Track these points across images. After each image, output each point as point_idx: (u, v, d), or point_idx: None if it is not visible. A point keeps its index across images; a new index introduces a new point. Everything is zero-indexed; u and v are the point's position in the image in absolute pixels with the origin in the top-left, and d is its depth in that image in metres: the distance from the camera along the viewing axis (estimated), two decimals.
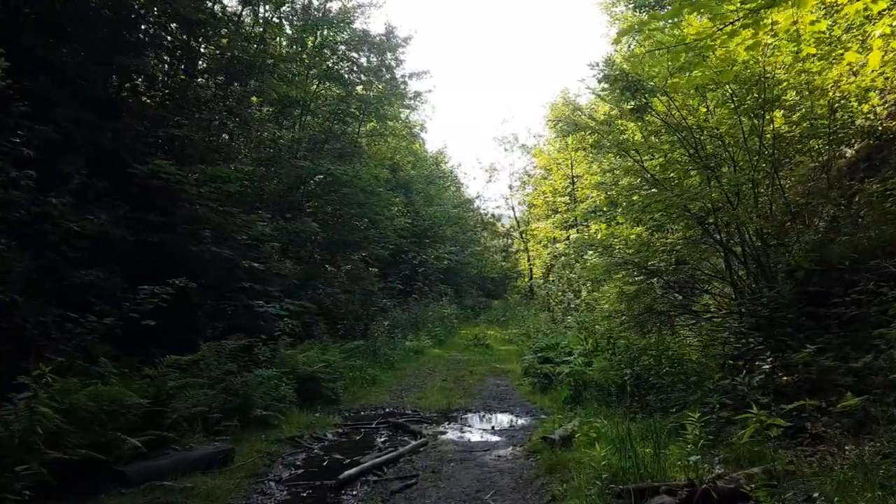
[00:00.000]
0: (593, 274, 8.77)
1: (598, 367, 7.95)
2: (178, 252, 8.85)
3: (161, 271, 8.10)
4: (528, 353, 12.36)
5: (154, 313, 7.13)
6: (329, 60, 15.98)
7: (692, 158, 7.99)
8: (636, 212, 8.35)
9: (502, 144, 34.97)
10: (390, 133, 20.52)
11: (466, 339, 17.80)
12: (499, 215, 37.52)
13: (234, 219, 9.30)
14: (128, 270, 8.25)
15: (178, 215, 9.22)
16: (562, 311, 21.20)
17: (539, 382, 10.09)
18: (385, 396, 9.94)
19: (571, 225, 27.83)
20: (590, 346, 9.28)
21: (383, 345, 13.60)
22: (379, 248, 17.48)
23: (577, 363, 8.63)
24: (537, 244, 31.48)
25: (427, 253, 25.05)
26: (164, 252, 8.81)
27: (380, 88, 19.57)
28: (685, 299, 9.16)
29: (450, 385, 10.91)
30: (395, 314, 18.61)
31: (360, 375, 10.67)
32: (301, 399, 8.64)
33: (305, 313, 11.23)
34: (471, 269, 31.60)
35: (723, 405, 5.66)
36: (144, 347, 8.14)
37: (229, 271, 10.24)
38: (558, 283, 22.80)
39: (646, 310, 8.62)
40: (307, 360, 9.34)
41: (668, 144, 7.99)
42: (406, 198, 20.93)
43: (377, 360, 12.52)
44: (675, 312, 8.99)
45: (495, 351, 16.21)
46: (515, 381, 11.20)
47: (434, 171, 28.12)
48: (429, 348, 16.12)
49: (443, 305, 23.21)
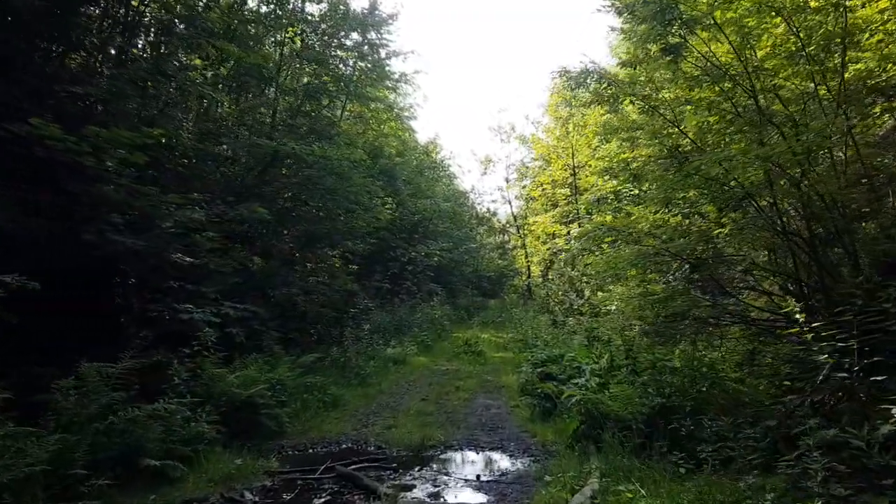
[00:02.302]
0: (612, 269, 6.71)
1: (619, 395, 5.90)
2: (71, 242, 6.81)
3: (55, 267, 6.15)
4: (526, 364, 10.32)
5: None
6: (298, 31, 13.90)
7: (742, 115, 5.96)
8: (667, 187, 6.30)
9: (498, 135, 32.94)
10: (372, 116, 18.41)
11: (457, 345, 15.76)
12: (494, 210, 35.51)
13: (150, 200, 7.22)
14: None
15: (78, 195, 7.17)
16: (562, 312, 19.23)
17: (539, 406, 8.05)
18: (346, 425, 7.88)
19: (572, 220, 25.89)
20: (604, 364, 7.24)
21: (356, 355, 11.55)
22: (357, 243, 15.42)
23: (591, 387, 6.58)
24: (535, 240, 29.48)
25: (417, 249, 23.02)
26: (55, 242, 6.80)
27: (361, 67, 17.58)
28: (736, 302, 7.11)
29: (430, 407, 8.86)
30: (378, 317, 16.63)
31: (317, 397, 8.61)
32: (230, 434, 6.61)
33: (253, 319, 9.18)
34: (465, 268, 29.60)
35: (832, 473, 3.63)
36: (22, 367, 6.18)
37: (158, 268, 8.23)
38: (559, 282, 20.78)
39: (677, 315, 6.59)
40: (242, 381, 7.28)
41: (713, 95, 5.96)
42: (390, 186, 18.83)
43: (345, 374, 10.48)
44: (725, 321, 6.95)
45: (488, 359, 14.16)
46: (511, 402, 9.16)
47: (424, 161, 26.03)
48: (412, 356, 14.08)
49: (433, 306, 21.20)
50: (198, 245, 8.17)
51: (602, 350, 8.26)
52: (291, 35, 13.38)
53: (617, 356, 7.84)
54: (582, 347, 10.05)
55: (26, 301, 5.33)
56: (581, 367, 8.12)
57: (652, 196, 6.51)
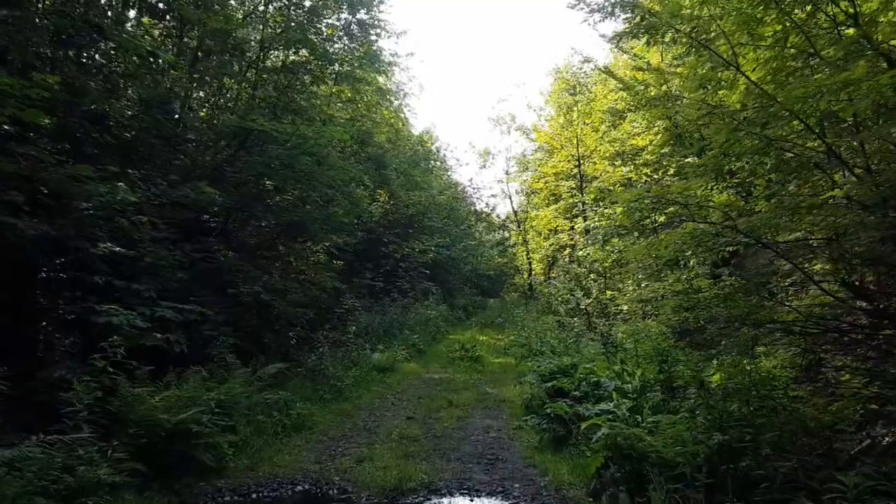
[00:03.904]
0: (658, 256, 5.08)
1: (663, 429, 4.33)
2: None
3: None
4: (531, 375, 8.77)
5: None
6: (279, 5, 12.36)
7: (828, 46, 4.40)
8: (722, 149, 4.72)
9: (498, 126, 31.41)
10: (360, 99, 16.80)
11: (452, 349, 14.18)
12: (493, 205, 33.97)
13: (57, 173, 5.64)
14: None
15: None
16: (567, 312, 17.66)
17: (549, 430, 6.48)
18: (308, 455, 6.30)
19: (576, 215, 24.37)
20: (636, 383, 5.65)
21: (333, 363, 9.98)
22: (343, 236, 13.86)
23: (620, 414, 5.00)
24: (537, 235, 27.94)
25: (411, 245, 21.46)
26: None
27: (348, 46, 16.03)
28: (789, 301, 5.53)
29: (416, 430, 7.28)
30: (366, 318, 15.07)
31: (277, 418, 7.04)
32: (149, 475, 5.06)
33: (203, 323, 7.60)
34: (464, 265, 28.03)
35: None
36: None
37: (81, 261, 6.69)
38: (565, 280, 19.21)
39: (734, 319, 5.01)
40: (172, 402, 5.70)
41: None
42: (379, 176, 17.24)
43: (318, 387, 8.90)
44: (774, 325, 5.34)
45: (487, 366, 12.60)
46: (513, 422, 7.59)
47: (419, 153, 24.45)
48: (402, 363, 12.53)
49: (428, 306, 19.64)
50: (125, 231, 6.59)
51: (626, 361, 6.68)
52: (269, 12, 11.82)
53: (646, 369, 6.28)
54: (598, 356, 8.47)
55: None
56: (601, 383, 6.54)
57: (704, 163, 4.92)
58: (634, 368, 6.22)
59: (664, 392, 5.71)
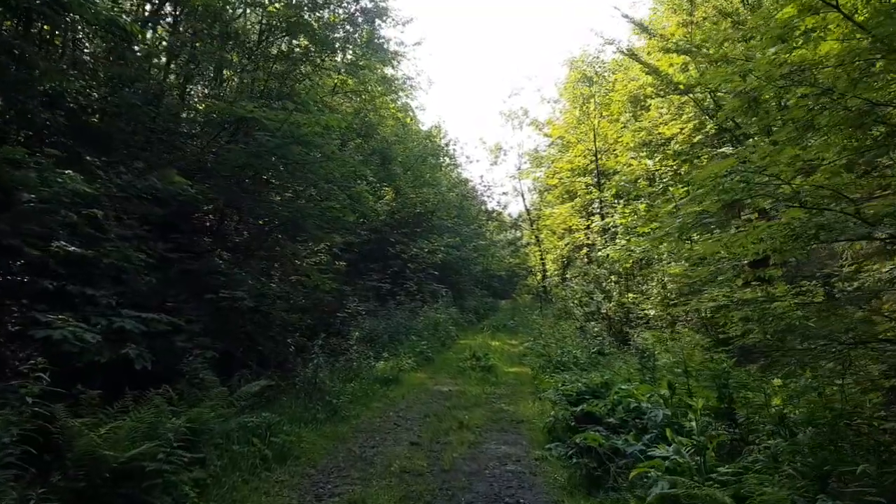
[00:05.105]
0: (741, 251, 3.94)
1: (751, 489, 3.22)
2: None
3: None
4: (553, 392, 7.66)
5: None
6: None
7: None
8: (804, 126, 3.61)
9: (510, 120, 30.26)
10: (364, 89, 15.77)
11: (463, 356, 13.11)
12: (505, 203, 32.86)
13: None
14: None
15: None
16: (584, 316, 16.55)
17: (580, 466, 5.36)
18: (290, 497, 5.25)
19: (592, 212, 23.25)
20: (697, 417, 4.52)
21: (330, 375, 8.94)
22: (345, 234, 12.85)
23: (684, 463, 3.89)
24: (551, 234, 26.79)
25: (419, 245, 20.42)
26: None
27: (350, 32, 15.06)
28: None
29: (419, 460, 6.21)
30: (371, 323, 14.05)
31: (258, 448, 5.99)
32: None
33: (174, 334, 6.58)
34: (474, 266, 26.95)
35: None
36: None
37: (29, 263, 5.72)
38: (583, 282, 18.07)
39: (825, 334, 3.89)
40: (122, 434, 4.67)
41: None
42: (384, 171, 16.18)
43: (311, 405, 7.85)
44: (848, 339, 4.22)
45: (501, 377, 11.50)
46: (535, 451, 6.48)
47: (427, 148, 23.37)
48: (407, 372, 11.47)
49: (437, 309, 18.59)
50: (77, 228, 5.59)
51: (673, 383, 5.54)
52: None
53: (699, 393, 5.16)
54: (634, 372, 7.35)
55: None
56: (642, 410, 5.42)
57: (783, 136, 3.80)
58: (685, 395, 5.10)
59: (725, 425, 4.60)
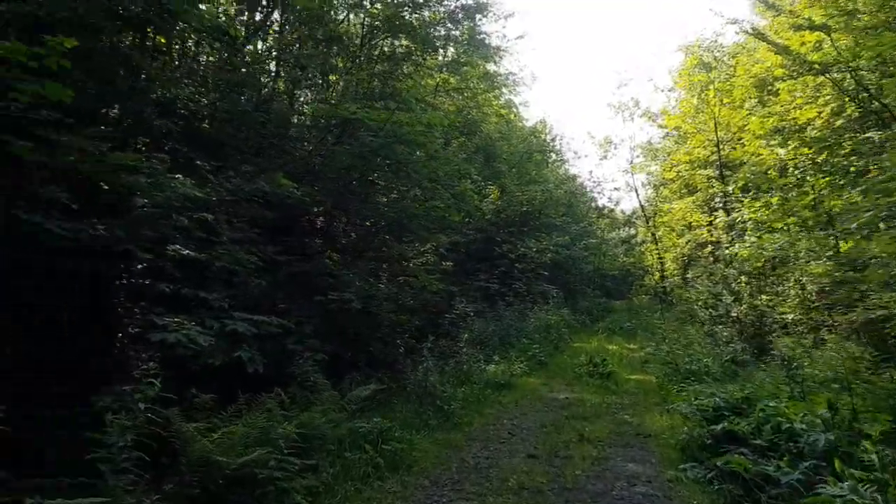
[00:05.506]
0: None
1: None
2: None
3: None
4: (685, 406, 6.79)
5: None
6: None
7: None
8: None
9: (620, 112, 28.67)
10: (466, 87, 15.48)
11: (578, 360, 12.34)
12: (617, 199, 31.24)
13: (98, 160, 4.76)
14: None
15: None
16: (711, 319, 15.06)
17: (722, 492, 4.58)
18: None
19: (716, 207, 21.32)
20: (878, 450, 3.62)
21: (441, 379, 8.64)
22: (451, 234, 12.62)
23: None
24: (670, 232, 25.00)
25: (526, 244, 19.77)
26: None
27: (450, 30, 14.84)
28: None
29: (538, 475, 5.67)
30: (480, 325, 13.70)
31: (370, 455, 5.75)
32: None
33: (285, 337, 6.57)
34: (585, 265, 25.75)
35: None
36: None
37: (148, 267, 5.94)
38: (709, 282, 16.53)
39: None
40: (234, 440, 4.61)
41: None
42: (488, 169, 15.76)
43: (422, 410, 7.58)
44: None
45: (622, 385, 10.62)
46: (667, 471, 5.70)
47: (532, 144, 22.66)
48: (519, 377, 10.94)
49: (548, 310, 17.85)
50: (189, 232, 5.69)
51: (834, 402, 4.57)
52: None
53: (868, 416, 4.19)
54: (781, 386, 6.30)
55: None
56: (795, 431, 4.52)
57: None
58: (848, 416, 4.15)
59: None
